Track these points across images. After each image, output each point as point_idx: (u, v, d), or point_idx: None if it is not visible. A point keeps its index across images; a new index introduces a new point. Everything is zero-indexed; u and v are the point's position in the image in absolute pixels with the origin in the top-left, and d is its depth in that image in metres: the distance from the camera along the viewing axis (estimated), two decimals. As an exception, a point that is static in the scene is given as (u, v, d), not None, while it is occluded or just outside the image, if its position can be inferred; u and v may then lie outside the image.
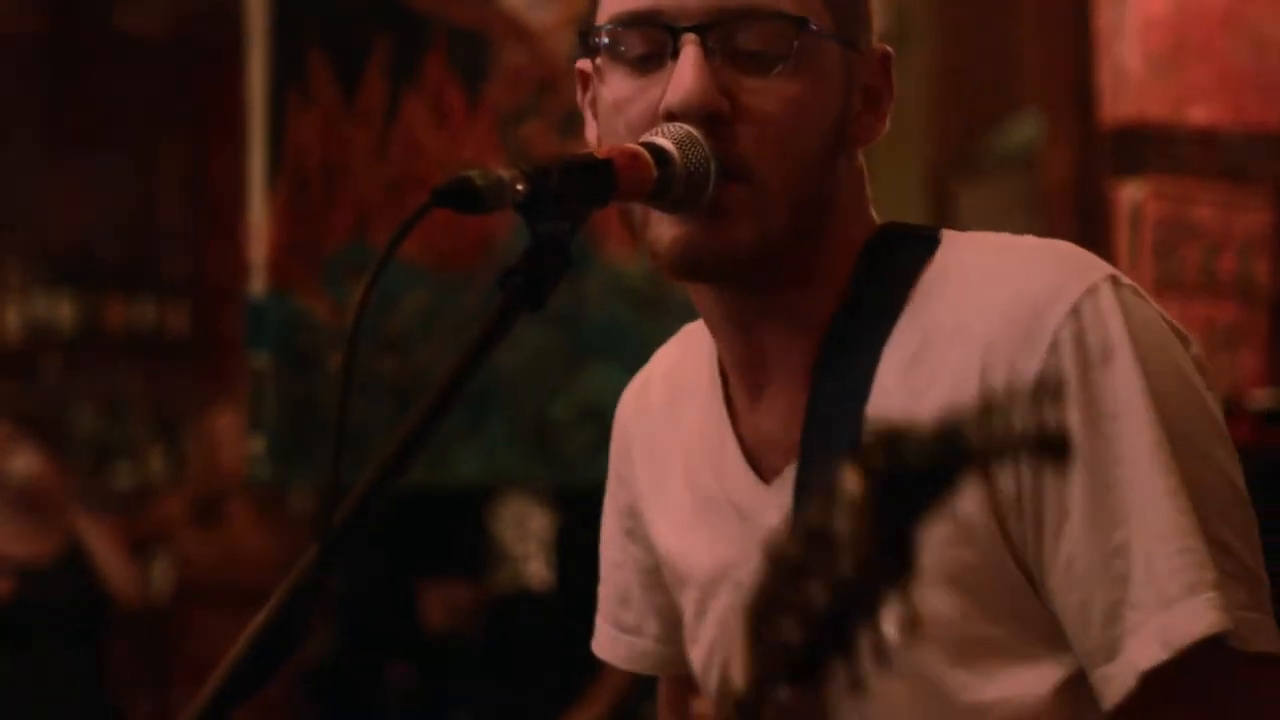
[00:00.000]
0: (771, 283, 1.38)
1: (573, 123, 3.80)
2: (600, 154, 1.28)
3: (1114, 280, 1.31)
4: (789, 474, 1.38)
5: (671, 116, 1.33)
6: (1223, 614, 1.27)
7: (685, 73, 1.33)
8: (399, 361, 3.69)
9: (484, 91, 3.80)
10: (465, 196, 1.19)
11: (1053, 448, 0.90)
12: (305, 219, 3.71)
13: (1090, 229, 4.59)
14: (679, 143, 1.31)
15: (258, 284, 3.72)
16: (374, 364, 3.66)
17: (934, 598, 1.28)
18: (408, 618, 4.75)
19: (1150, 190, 4.49)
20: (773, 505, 1.39)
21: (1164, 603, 1.27)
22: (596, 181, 1.27)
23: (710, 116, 1.32)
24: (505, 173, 1.22)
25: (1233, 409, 4.18)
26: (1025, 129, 5.58)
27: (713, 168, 1.32)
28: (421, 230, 1.17)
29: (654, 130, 1.32)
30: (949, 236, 1.40)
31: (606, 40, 1.38)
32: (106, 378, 7.23)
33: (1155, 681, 1.27)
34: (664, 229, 1.35)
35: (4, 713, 5.49)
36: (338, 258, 3.72)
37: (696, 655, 1.52)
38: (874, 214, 1.44)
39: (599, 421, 3.76)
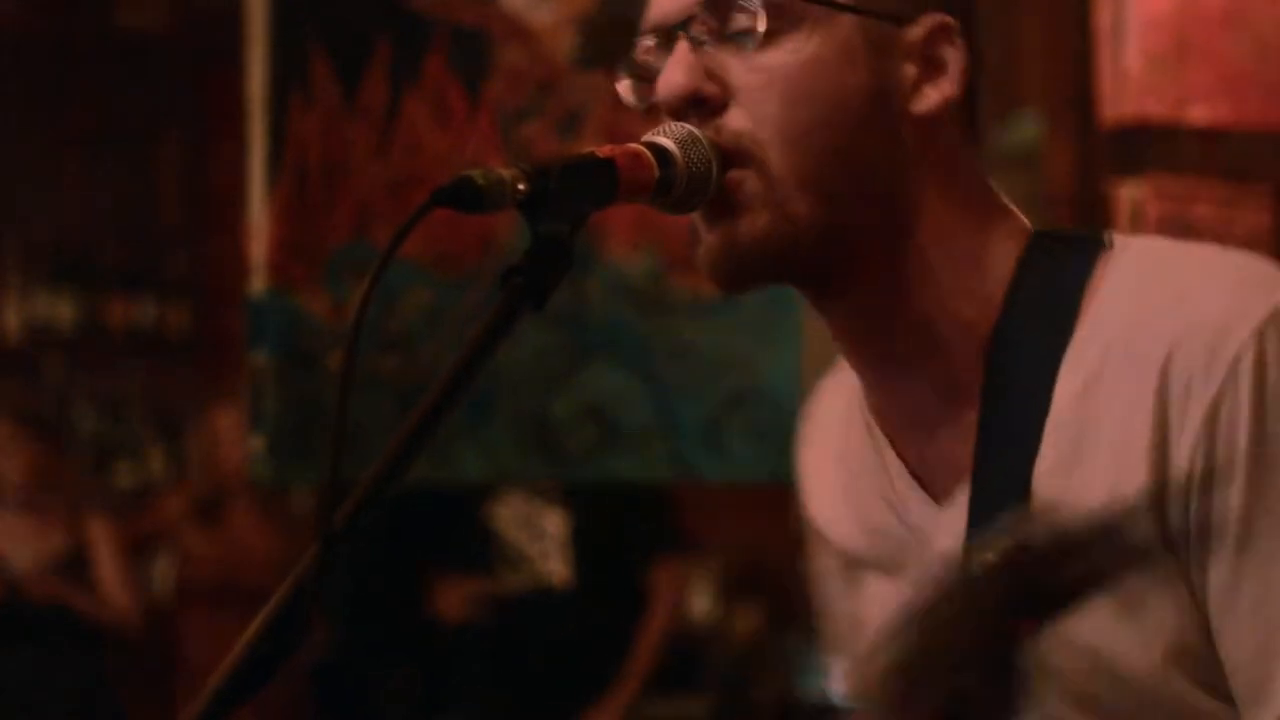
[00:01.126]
0: (865, 286, 1.35)
1: (573, 123, 3.81)
2: (602, 153, 1.27)
3: None
4: (961, 496, 1.34)
5: (669, 110, 1.33)
6: None
7: (669, 66, 1.33)
8: (400, 360, 3.69)
9: (485, 91, 3.80)
10: (466, 196, 1.19)
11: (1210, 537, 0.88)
12: (306, 218, 3.71)
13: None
14: (681, 142, 1.30)
15: (258, 283, 3.72)
16: (375, 363, 3.66)
17: (1100, 632, 1.26)
18: (412, 616, 4.74)
19: (1151, 190, 4.49)
20: (945, 528, 1.35)
21: None
22: (598, 181, 1.26)
23: (699, 102, 1.32)
24: (506, 172, 1.21)
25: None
26: (1025, 128, 5.58)
27: (714, 167, 1.31)
28: (423, 229, 1.17)
29: (656, 130, 1.32)
30: (1121, 241, 1.34)
31: (633, 64, 1.38)
32: (107, 377, 7.23)
33: None
34: (698, 246, 1.34)
35: (4, 713, 5.49)
36: (339, 257, 3.72)
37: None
38: (1009, 206, 1.39)
39: (600, 420, 3.76)
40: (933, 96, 1.35)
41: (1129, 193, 4.50)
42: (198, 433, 6.44)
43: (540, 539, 4.61)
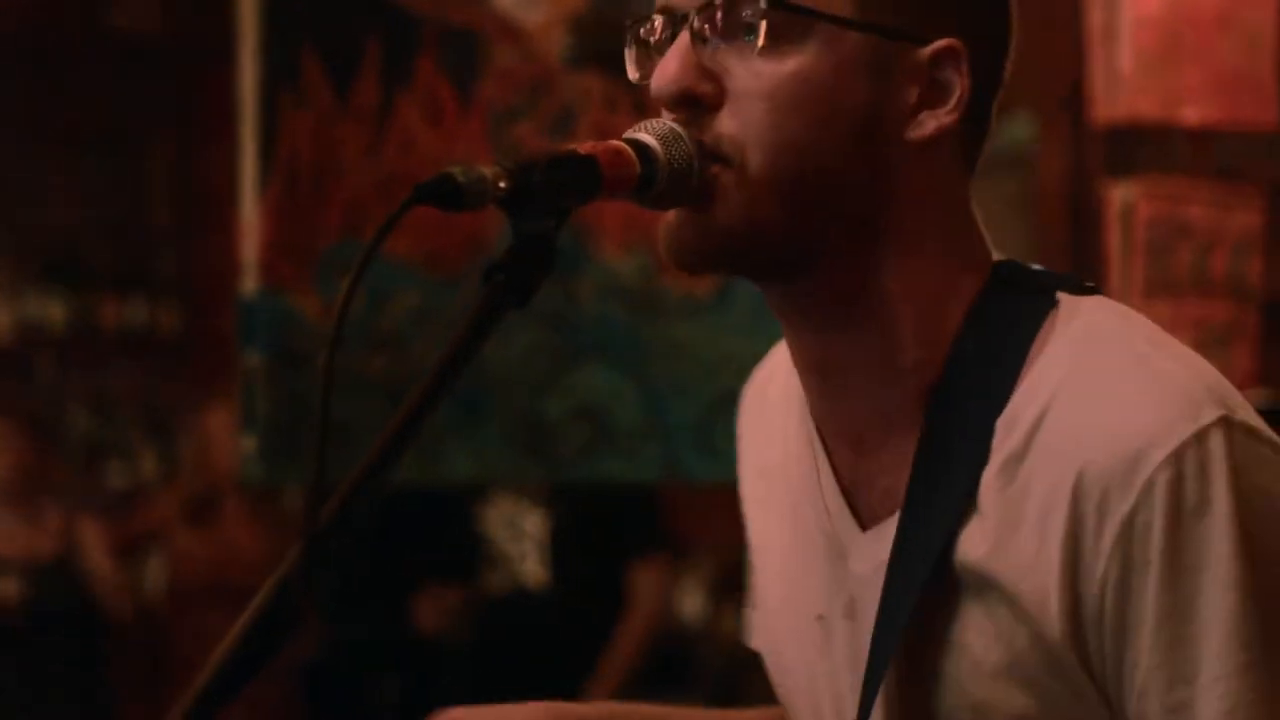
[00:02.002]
0: (822, 297, 1.35)
1: (565, 122, 3.80)
2: (583, 150, 1.27)
3: (1228, 422, 1.24)
4: (887, 528, 1.34)
5: (660, 100, 1.33)
6: None
7: (667, 58, 1.33)
8: (390, 360, 3.69)
9: (476, 91, 3.79)
10: (447, 193, 1.19)
11: None
12: (297, 218, 3.71)
13: (1082, 229, 4.59)
14: (662, 138, 1.30)
15: (249, 283, 3.71)
16: (364, 363, 3.66)
17: (1014, 697, 1.28)
18: (399, 617, 4.74)
19: (1142, 190, 4.49)
20: (864, 553, 1.37)
21: None
22: (580, 178, 1.26)
23: (691, 101, 1.32)
24: (488, 169, 1.21)
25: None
26: (1017, 129, 5.58)
27: (696, 164, 1.30)
28: (412, 229, 1.17)
29: (638, 126, 1.32)
30: (1069, 305, 1.34)
31: (639, 34, 1.38)
32: (98, 377, 7.23)
33: None
34: (662, 223, 1.34)
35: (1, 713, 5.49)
36: (330, 257, 3.72)
37: (782, 668, 1.51)
38: (981, 237, 1.39)
39: (591, 421, 3.75)
40: (929, 124, 1.33)
41: (1121, 193, 4.50)
42: (190, 432, 6.43)
43: (520, 539, 4.61)
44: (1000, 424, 1.30)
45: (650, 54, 1.37)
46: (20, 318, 7.16)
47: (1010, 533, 1.28)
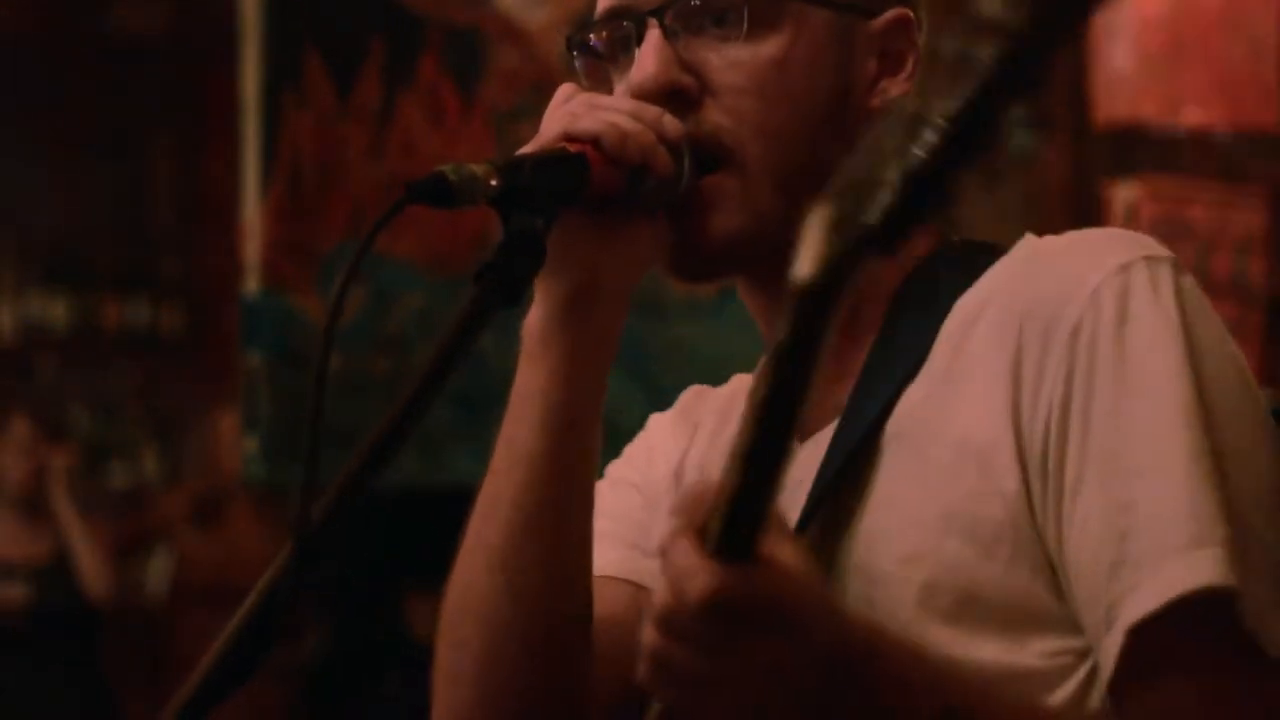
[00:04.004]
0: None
1: (567, 123, 3.81)
2: (573, 149, 1.27)
3: (1174, 263, 1.25)
4: (825, 433, 1.33)
5: (642, 99, 1.32)
6: (1229, 572, 1.14)
7: (644, 55, 1.32)
8: (394, 362, 3.69)
9: (478, 91, 3.79)
10: (438, 191, 1.19)
11: None
12: (300, 218, 3.71)
13: (1085, 229, 4.60)
14: None
15: (252, 283, 3.71)
16: (369, 365, 3.66)
17: (949, 546, 1.23)
18: (399, 618, 4.74)
19: (1145, 190, 4.49)
20: (802, 463, 1.33)
21: (1162, 553, 1.16)
22: (569, 176, 1.26)
23: (675, 95, 1.31)
24: (479, 167, 1.21)
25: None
26: (1020, 129, 5.57)
27: (685, 163, 1.30)
28: (417, 230, 1.18)
29: None
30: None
31: (597, 44, 1.38)
32: (101, 377, 7.23)
33: (1152, 644, 1.16)
34: (665, 235, 1.34)
35: (2, 714, 5.49)
36: (332, 257, 3.72)
37: None
38: None
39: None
40: (891, 91, 1.36)
41: (1123, 193, 4.50)
42: (198, 434, 6.43)
43: None
44: (954, 310, 1.30)
45: (602, 62, 1.37)
46: (23, 318, 7.17)
47: (958, 387, 1.26)
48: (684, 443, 1.50)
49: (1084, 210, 4.56)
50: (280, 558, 1.13)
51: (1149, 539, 1.17)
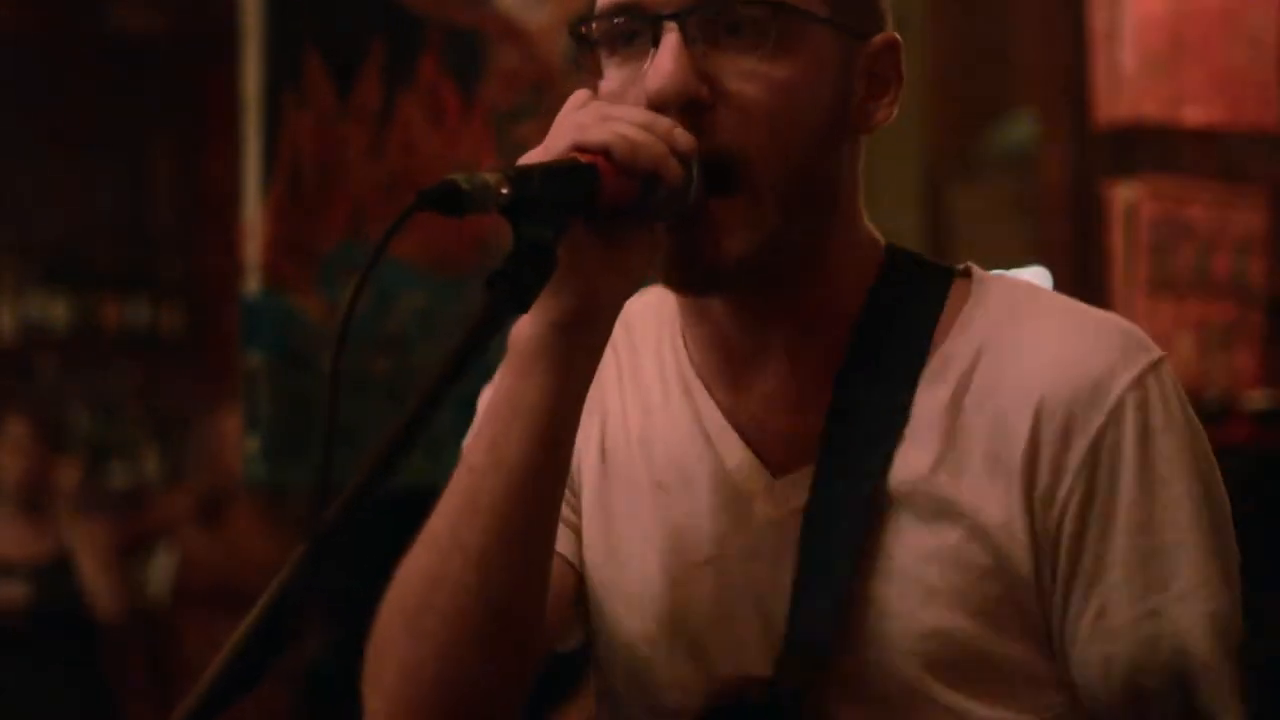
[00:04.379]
0: (776, 281, 1.37)
1: (568, 123, 3.81)
2: (584, 158, 1.27)
3: (1165, 362, 1.35)
4: (802, 475, 1.37)
5: (653, 106, 1.31)
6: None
7: (662, 60, 1.31)
8: (395, 362, 3.68)
9: (479, 92, 3.79)
10: (450, 200, 1.19)
11: None
12: (300, 219, 3.70)
13: (1085, 229, 4.59)
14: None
15: (252, 283, 3.71)
16: (370, 365, 3.65)
17: (962, 623, 1.32)
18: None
19: (1145, 190, 4.49)
20: (778, 498, 1.38)
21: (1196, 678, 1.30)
22: (580, 186, 1.26)
23: (690, 104, 1.31)
24: (490, 175, 1.21)
25: (1228, 410, 4.18)
26: (1020, 129, 5.58)
27: (695, 172, 1.30)
28: (418, 231, 1.18)
29: None
30: (978, 273, 1.41)
31: (595, 34, 1.37)
32: (102, 378, 7.23)
33: None
34: (661, 247, 1.34)
35: (2, 715, 5.49)
36: (333, 257, 3.71)
37: (638, 618, 1.46)
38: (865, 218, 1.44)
39: (594, 421, 3.76)
40: (878, 114, 1.39)
41: (1124, 193, 4.50)
42: (200, 434, 6.43)
43: None
44: (929, 369, 1.35)
45: (628, 61, 1.35)
46: (23, 318, 7.17)
47: (962, 463, 1.33)
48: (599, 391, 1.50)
49: (1084, 210, 4.56)
50: (292, 560, 1.13)
51: (1178, 655, 1.31)
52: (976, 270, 1.41)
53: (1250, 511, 1.41)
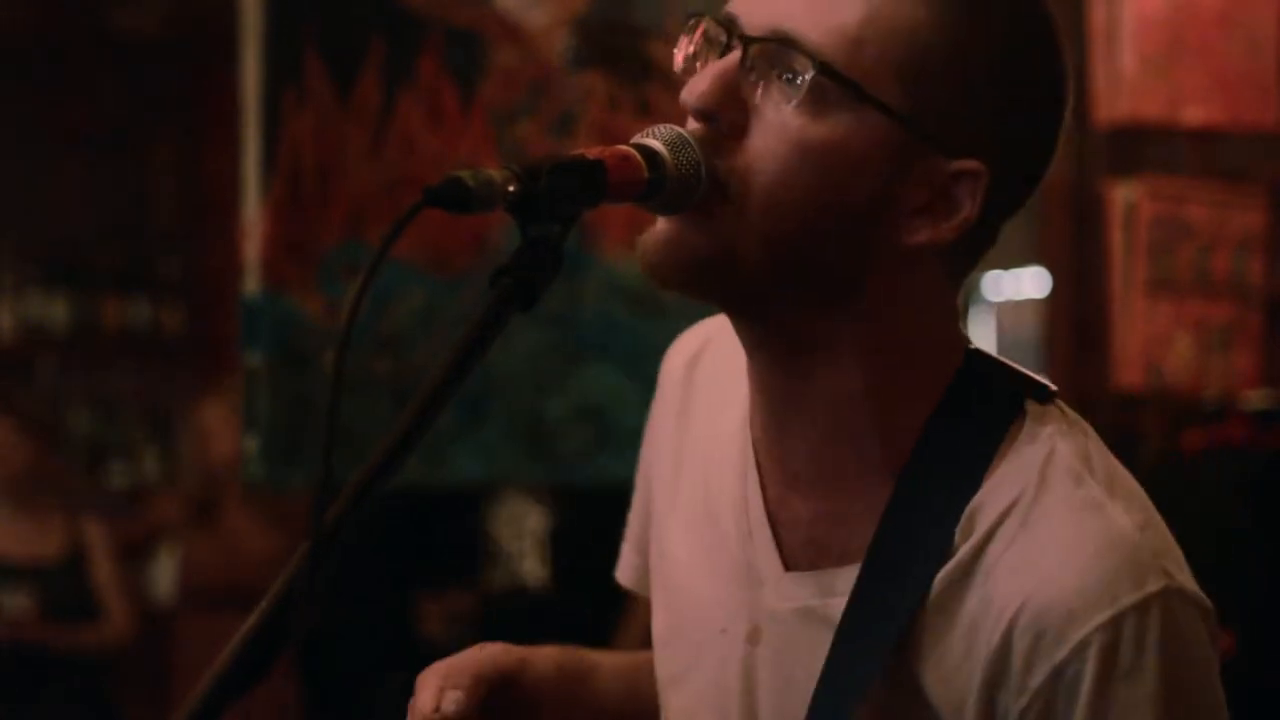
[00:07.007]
0: (779, 357, 1.36)
1: (566, 123, 3.81)
2: (591, 155, 1.27)
3: (1167, 592, 1.28)
4: (816, 576, 1.37)
5: (684, 106, 1.33)
6: None
7: (709, 72, 1.32)
8: (394, 361, 3.69)
9: (478, 91, 3.79)
10: (457, 197, 1.19)
11: None
12: (300, 218, 3.71)
13: (1085, 229, 4.59)
14: (670, 144, 1.30)
15: (252, 283, 3.71)
16: (369, 364, 3.66)
17: None
18: (403, 617, 4.74)
19: (1145, 190, 4.49)
20: (788, 594, 1.38)
21: None
22: (587, 183, 1.26)
23: (716, 121, 1.31)
24: (496, 173, 1.21)
25: (1227, 410, 4.18)
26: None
27: (703, 171, 1.30)
28: (417, 230, 1.17)
29: (646, 132, 1.32)
30: (1033, 414, 1.35)
31: (699, 29, 1.37)
32: (101, 377, 7.23)
33: None
34: (647, 230, 1.35)
35: (3, 715, 5.49)
36: (333, 257, 3.72)
37: (672, 675, 1.51)
38: (958, 337, 1.39)
39: (595, 421, 3.75)
40: (924, 233, 1.33)
41: (1124, 193, 4.50)
42: (189, 430, 6.43)
43: (521, 539, 4.62)
44: (969, 515, 1.32)
45: (693, 50, 1.36)
46: (23, 318, 7.16)
47: (939, 638, 1.30)
48: (669, 422, 1.54)
49: (1084, 210, 4.56)
50: (296, 557, 1.13)
51: None
52: (1032, 409, 1.36)
53: (1250, 512, 1.39)
